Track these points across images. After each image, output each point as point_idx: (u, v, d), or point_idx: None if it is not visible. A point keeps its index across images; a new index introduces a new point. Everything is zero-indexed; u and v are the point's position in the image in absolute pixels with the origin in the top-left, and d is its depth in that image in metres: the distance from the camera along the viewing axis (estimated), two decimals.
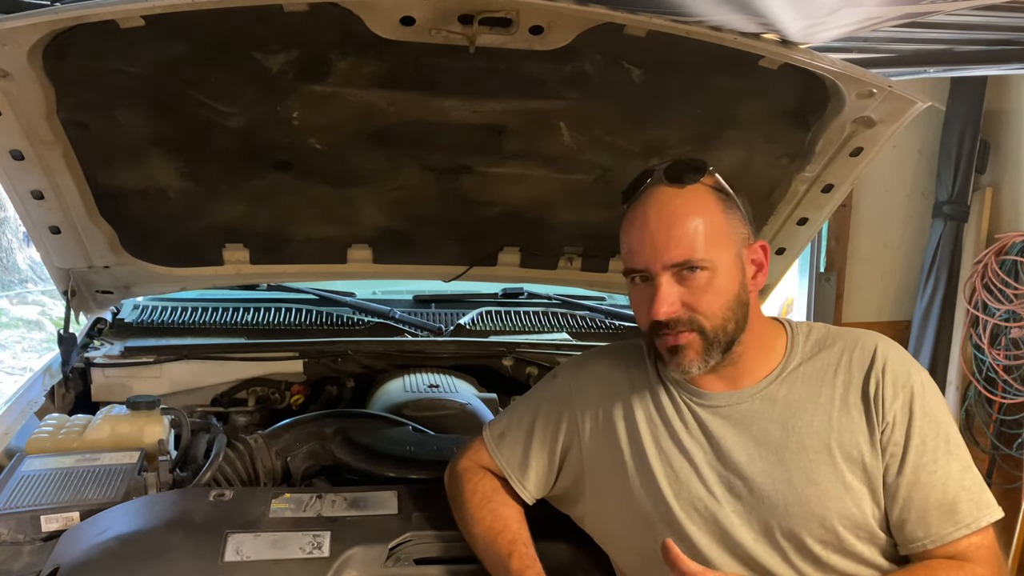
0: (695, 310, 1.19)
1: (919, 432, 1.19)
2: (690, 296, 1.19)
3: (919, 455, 1.19)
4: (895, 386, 1.21)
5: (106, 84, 1.56)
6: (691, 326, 1.19)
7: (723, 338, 1.21)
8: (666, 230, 1.18)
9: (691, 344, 1.20)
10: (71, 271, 1.96)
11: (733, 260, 1.21)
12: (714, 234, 1.19)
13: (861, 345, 1.26)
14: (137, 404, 1.72)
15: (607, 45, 1.51)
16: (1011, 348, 3.37)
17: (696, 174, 1.21)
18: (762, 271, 1.27)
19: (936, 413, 1.21)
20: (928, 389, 1.23)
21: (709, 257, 1.18)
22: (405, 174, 1.89)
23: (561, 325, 2.54)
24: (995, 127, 3.58)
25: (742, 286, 1.22)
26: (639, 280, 1.23)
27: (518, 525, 1.34)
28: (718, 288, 1.19)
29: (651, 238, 1.19)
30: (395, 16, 1.37)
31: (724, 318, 1.20)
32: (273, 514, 1.41)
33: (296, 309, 2.43)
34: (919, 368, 1.25)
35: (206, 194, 1.89)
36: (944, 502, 1.17)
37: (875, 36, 1.65)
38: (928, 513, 1.17)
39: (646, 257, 1.19)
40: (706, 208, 1.20)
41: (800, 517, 1.19)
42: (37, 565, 1.32)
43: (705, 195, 1.21)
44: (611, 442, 1.32)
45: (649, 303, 1.20)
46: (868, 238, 3.83)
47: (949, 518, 1.17)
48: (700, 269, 1.18)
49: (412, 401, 1.97)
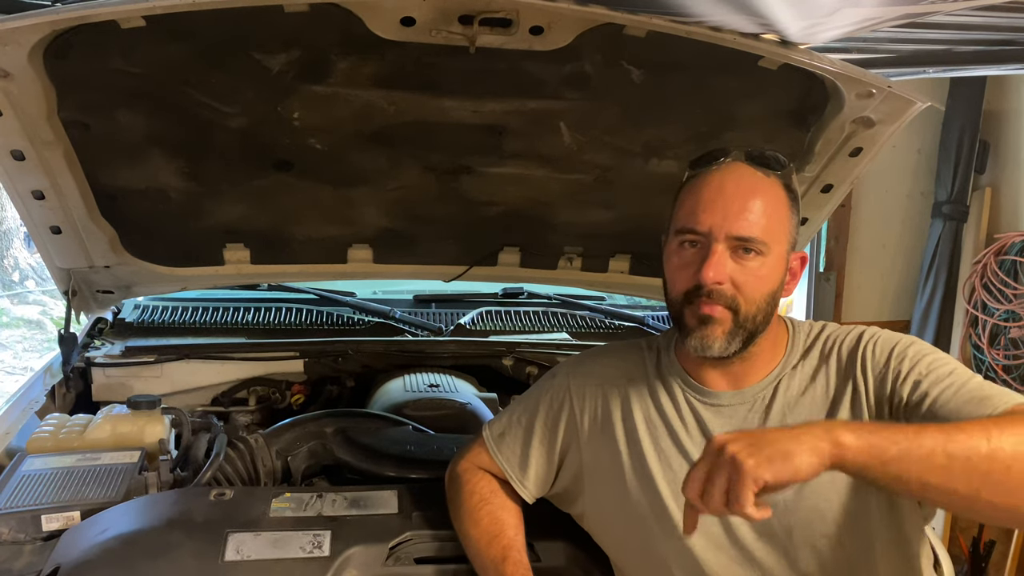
0: (739, 289, 1.19)
1: (926, 363, 1.16)
2: (739, 274, 1.19)
3: (929, 384, 1.14)
4: (881, 352, 1.20)
5: (107, 84, 1.56)
6: (730, 303, 1.19)
7: (750, 327, 1.21)
8: (742, 201, 1.18)
9: (722, 320, 1.19)
10: (72, 271, 1.97)
11: (782, 257, 1.22)
12: (778, 225, 1.20)
13: (850, 334, 1.26)
14: (138, 404, 1.71)
15: (607, 45, 1.51)
16: (1010, 348, 3.37)
17: (778, 164, 1.23)
18: (795, 279, 1.28)
19: (936, 353, 1.18)
20: (918, 343, 1.20)
21: (768, 244, 1.19)
22: (405, 174, 1.89)
23: (561, 325, 2.54)
24: (995, 127, 3.58)
25: (780, 285, 1.24)
26: (687, 245, 1.22)
27: (514, 531, 1.34)
28: (764, 276, 1.20)
29: (724, 203, 1.18)
30: (395, 16, 1.37)
31: (759, 307, 1.20)
32: (273, 513, 1.41)
33: (296, 309, 2.44)
34: (909, 336, 1.23)
35: (207, 194, 1.89)
36: (972, 397, 1.10)
37: (875, 36, 1.65)
38: (960, 409, 1.09)
39: (713, 220, 1.18)
40: (778, 199, 1.21)
41: (798, 515, 1.19)
42: (38, 564, 1.31)
43: (779, 187, 1.22)
44: (609, 442, 1.32)
45: (696, 267, 1.19)
46: (868, 238, 3.83)
47: (983, 404, 1.08)
48: (755, 253, 1.18)
49: (412, 401, 1.97)
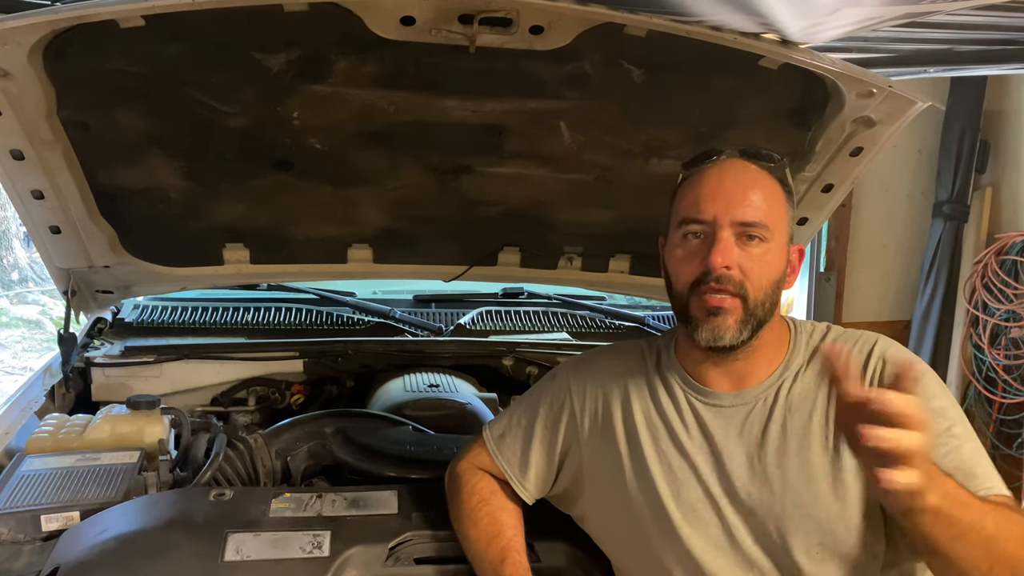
0: (746, 275, 1.20)
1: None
2: (745, 260, 1.20)
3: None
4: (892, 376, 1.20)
5: (106, 84, 1.56)
6: (738, 290, 1.19)
7: (759, 314, 1.21)
8: (743, 190, 1.21)
9: (732, 310, 1.20)
10: (71, 271, 1.96)
11: (784, 245, 1.25)
12: (777, 214, 1.23)
13: (861, 342, 1.26)
14: (137, 404, 1.71)
15: (607, 45, 1.51)
16: (1011, 348, 3.37)
17: (771, 159, 1.26)
18: (794, 273, 1.30)
19: (943, 400, 1.19)
20: (932, 378, 1.21)
21: (771, 229, 1.21)
22: (405, 174, 1.89)
23: (561, 325, 2.54)
24: (995, 127, 3.58)
25: (784, 273, 1.25)
26: (691, 236, 1.23)
27: (513, 532, 1.34)
28: (769, 262, 1.21)
29: (726, 193, 1.21)
30: (395, 16, 1.37)
31: (766, 294, 1.21)
32: (273, 514, 1.41)
33: (296, 309, 2.43)
34: (920, 361, 1.23)
35: (206, 194, 1.89)
36: (961, 468, 1.12)
37: (875, 36, 1.65)
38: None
39: (717, 208, 1.20)
40: (775, 190, 1.24)
41: (798, 519, 1.19)
42: (37, 565, 1.31)
43: (774, 180, 1.25)
44: (610, 442, 1.32)
45: (701, 256, 1.20)
46: (868, 238, 3.83)
47: (969, 481, 1.10)
48: (759, 239, 1.20)
49: (412, 401, 1.97)
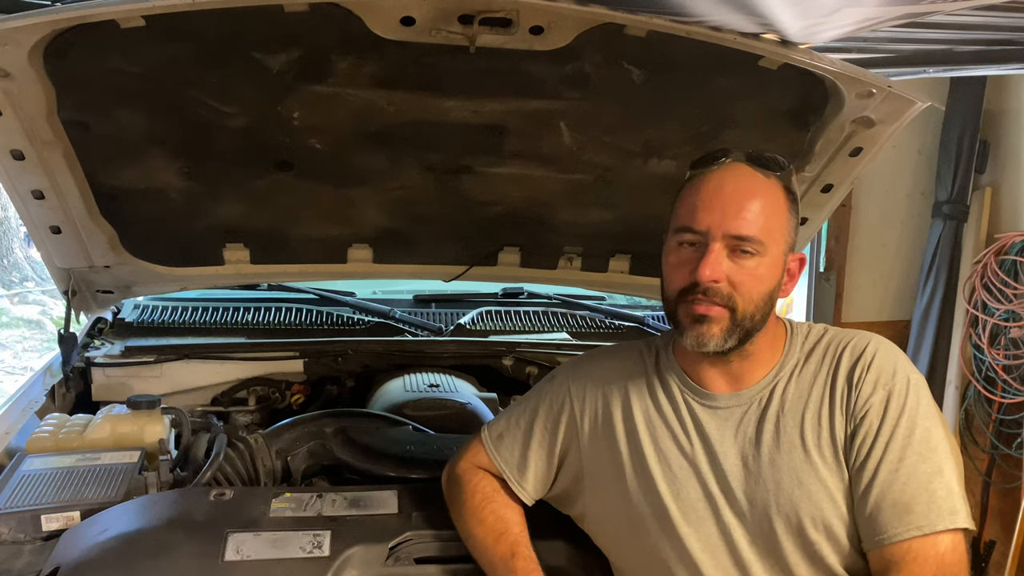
0: (736, 288, 1.20)
1: (889, 429, 1.18)
2: (736, 273, 1.19)
3: (884, 451, 1.17)
4: (876, 382, 1.21)
5: (107, 84, 1.56)
6: (726, 302, 1.20)
7: (747, 325, 1.21)
8: (740, 201, 1.20)
9: (719, 319, 1.20)
10: (72, 271, 1.96)
11: (780, 257, 1.23)
12: (776, 226, 1.21)
13: (854, 343, 1.26)
14: (137, 404, 1.71)
15: (607, 45, 1.51)
16: (1011, 348, 3.36)
17: (777, 166, 1.24)
18: (792, 281, 1.29)
19: (916, 413, 1.19)
20: (913, 389, 1.21)
21: (766, 244, 1.20)
22: (405, 174, 1.89)
23: (561, 325, 2.54)
24: (995, 127, 3.58)
25: (777, 285, 1.24)
26: (685, 244, 1.23)
27: (519, 528, 1.34)
28: (761, 276, 1.21)
29: (723, 203, 1.20)
30: (395, 16, 1.37)
31: (756, 306, 1.21)
32: (273, 513, 1.42)
33: (296, 309, 2.43)
34: (911, 369, 1.24)
35: (207, 194, 1.89)
36: (900, 501, 1.15)
37: (875, 36, 1.65)
38: (881, 511, 1.15)
39: (712, 219, 1.19)
40: (777, 200, 1.23)
41: (793, 518, 1.19)
42: (37, 564, 1.32)
43: (778, 188, 1.23)
44: (610, 443, 1.32)
45: (692, 265, 1.20)
46: (868, 238, 3.82)
47: (900, 518, 1.14)
48: (752, 253, 1.19)
49: (412, 401, 1.97)
